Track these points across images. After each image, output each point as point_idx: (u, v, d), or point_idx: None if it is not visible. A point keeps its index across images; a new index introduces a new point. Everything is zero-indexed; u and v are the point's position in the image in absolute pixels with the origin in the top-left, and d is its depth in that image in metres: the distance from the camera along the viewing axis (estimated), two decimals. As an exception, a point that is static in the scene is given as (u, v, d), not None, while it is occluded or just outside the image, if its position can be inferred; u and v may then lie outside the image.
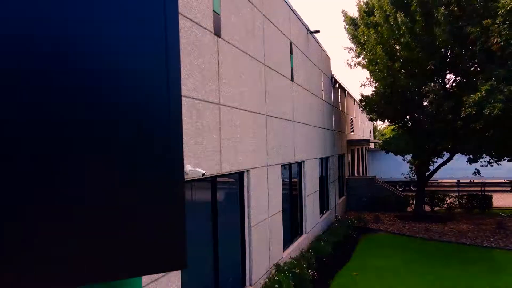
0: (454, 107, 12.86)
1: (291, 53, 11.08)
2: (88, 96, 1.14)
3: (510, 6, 10.93)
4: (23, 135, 1.04)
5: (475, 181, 25.96)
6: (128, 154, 1.16)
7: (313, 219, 12.93)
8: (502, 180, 27.99)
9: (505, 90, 11.22)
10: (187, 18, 5.47)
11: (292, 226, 11.08)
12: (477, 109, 11.72)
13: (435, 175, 25.46)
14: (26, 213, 1.04)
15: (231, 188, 7.41)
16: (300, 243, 11.11)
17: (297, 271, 8.36)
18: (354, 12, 17.97)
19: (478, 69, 13.41)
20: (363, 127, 34.90)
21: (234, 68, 7.02)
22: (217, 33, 6.43)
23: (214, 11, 6.34)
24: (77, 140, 1.11)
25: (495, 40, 11.38)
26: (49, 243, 1.06)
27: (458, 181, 25.66)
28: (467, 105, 11.94)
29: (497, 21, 11.36)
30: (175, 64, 1.30)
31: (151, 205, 1.19)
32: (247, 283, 7.58)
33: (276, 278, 7.60)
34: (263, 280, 7.94)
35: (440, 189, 26.29)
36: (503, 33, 11.19)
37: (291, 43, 11.04)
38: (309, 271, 8.77)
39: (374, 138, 49.14)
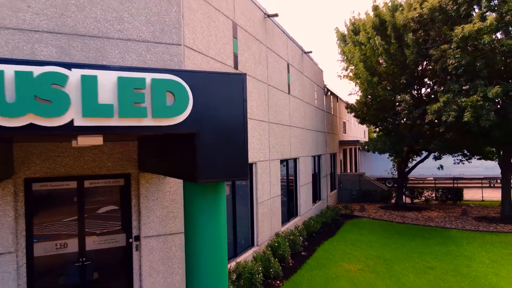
0: (422, 114, 15.78)
1: (288, 71, 14.01)
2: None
3: (461, 35, 13.82)
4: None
5: (456, 177, 28.86)
6: (233, 139, 4.12)
7: (306, 205, 15.85)
8: (482, 177, 30.87)
9: (459, 101, 14.12)
10: (218, 61, 8.40)
11: (289, 209, 14.00)
12: (437, 116, 14.64)
13: (421, 173, 28.43)
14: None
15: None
16: (295, 222, 14.02)
17: (291, 238, 11.29)
18: (344, 30, 20.83)
19: (438, 83, 16.33)
20: (357, 129, 37.73)
21: (247, 91, 9.92)
22: (235, 67, 9.37)
23: (234, 52, 9.29)
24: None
25: (451, 62, 14.29)
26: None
27: (441, 176, 28.51)
28: (429, 113, 14.85)
29: (452, 46, 14.26)
30: (246, 113, 4.24)
31: (236, 157, 4.13)
32: (255, 244, 10.51)
33: (275, 240, 10.52)
34: (266, 242, 10.86)
35: (425, 185, 29.13)
36: (456, 56, 14.08)
37: (288, 64, 13.97)
38: (300, 238, 11.71)
39: (370, 139, 51.94)
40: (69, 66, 3.42)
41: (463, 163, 20.85)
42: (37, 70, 3.25)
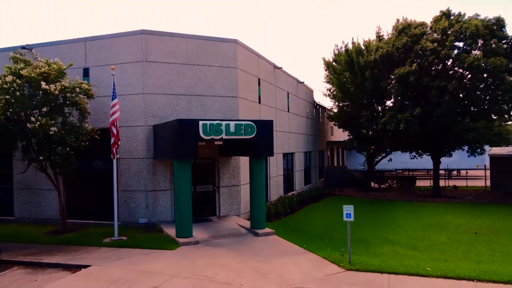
0: (376, 124, 23.66)
1: (288, 98, 21.89)
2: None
3: (398, 74, 21.65)
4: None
5: (421, 169, 36.59)
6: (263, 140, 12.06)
7: (300, 184, 23.71)
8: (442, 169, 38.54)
9: (398, 116, 21.98)
10: (251, 101, 16.28)
11: (288, 185, 21.87)
12: (384, 126, 22.52)
13: (393, 166, 36.10)
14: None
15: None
16: (292, 193, 21.89)
17: (289, 199, 19.20)
18: (330, 58, 28.59)
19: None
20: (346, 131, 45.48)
21: (264, 113, 17.79)
22: (259, 102, 17.26)
23: (258, 94, 17.17)
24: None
25: (393, 91, 22.19)
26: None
27: (412, 168, 36.18)
28: (380, 124, 22.73)
29: (393, 82, 22.14)
30: (273, 133, 12.14)
31: (269, 148, 12.03)
32: (268, 200, 18.37)
33: (280, 198, 18.43)
34: (275, 200, 18.73)
35: (392, 175, 36.91)
36: (396, 88, 21.98)
37: (287, 93, 21.85)
38: (295, 199, 19.67)
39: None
40: (222, 120, 11.32)
41: (417, 159, 28.62)
42: (213, 122, 11.17)
